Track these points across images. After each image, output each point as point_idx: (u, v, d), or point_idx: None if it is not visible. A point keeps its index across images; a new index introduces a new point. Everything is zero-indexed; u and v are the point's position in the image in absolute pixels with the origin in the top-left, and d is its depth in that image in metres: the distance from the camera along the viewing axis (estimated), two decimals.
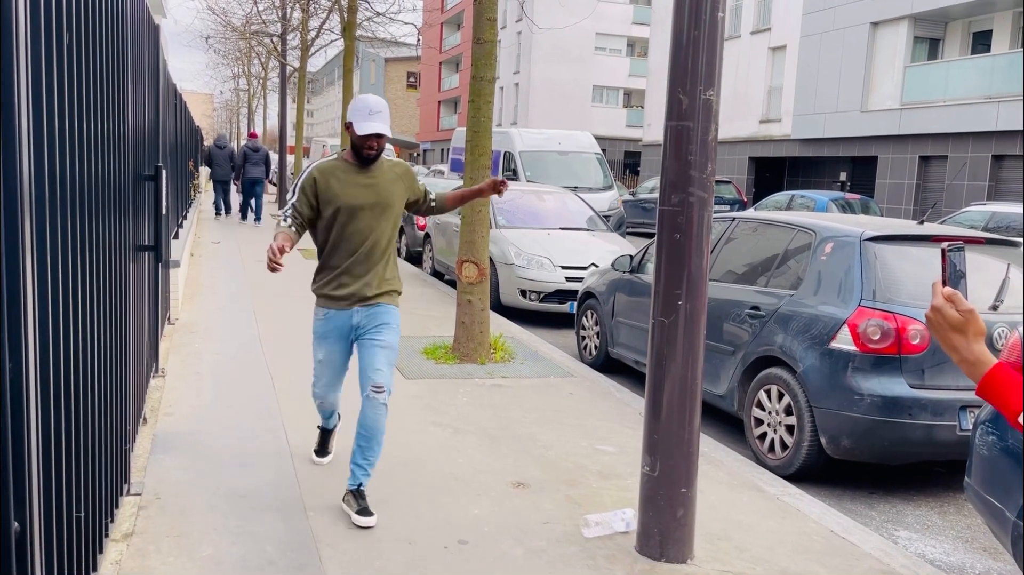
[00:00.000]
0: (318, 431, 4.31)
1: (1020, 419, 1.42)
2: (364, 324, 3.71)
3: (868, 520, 4.32)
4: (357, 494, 3.65)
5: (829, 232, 5.02)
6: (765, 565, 3.42)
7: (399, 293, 3.81)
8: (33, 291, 1.88)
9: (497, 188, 3.85)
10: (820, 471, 4.77)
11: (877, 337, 4.47)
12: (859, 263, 4.73)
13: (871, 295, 4.61)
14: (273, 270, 3.31)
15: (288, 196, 3.74)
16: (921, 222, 5.18)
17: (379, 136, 3.58)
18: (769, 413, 4.98)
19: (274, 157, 24.50)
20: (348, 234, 3.65)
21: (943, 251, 1.57)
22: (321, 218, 3.68)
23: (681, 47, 3.23)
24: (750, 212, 6.87)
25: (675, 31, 3.27)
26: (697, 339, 3.33)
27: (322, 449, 4.29)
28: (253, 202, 17.51)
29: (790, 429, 4.82)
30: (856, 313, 4.56)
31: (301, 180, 3.70)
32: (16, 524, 1.76)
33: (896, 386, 4.43)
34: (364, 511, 3.59)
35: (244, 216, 17.99)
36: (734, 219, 5.93)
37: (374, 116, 3.56)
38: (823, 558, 3.53)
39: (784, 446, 4.85)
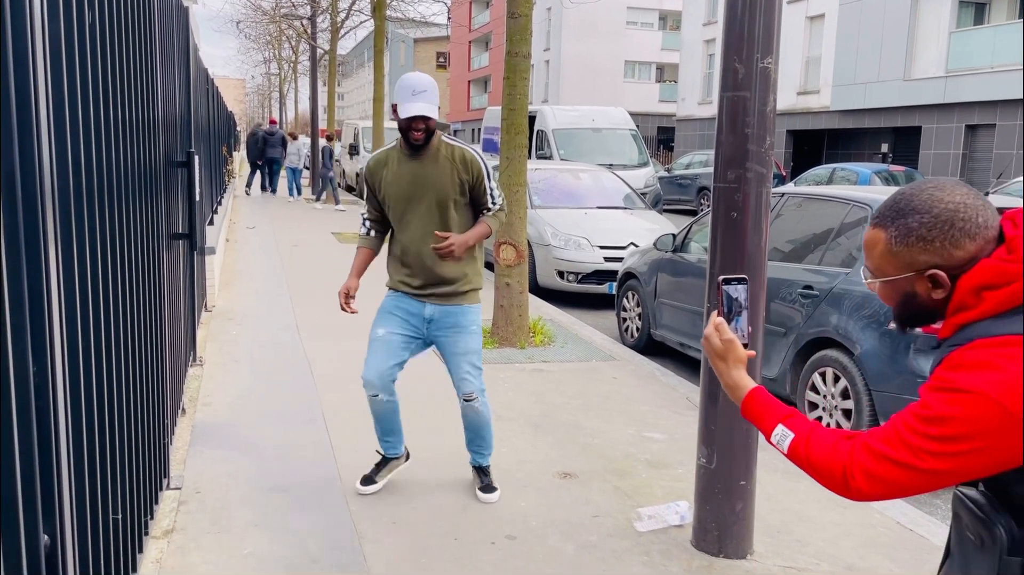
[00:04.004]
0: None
1: (772, 439, 1.50)
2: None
3: (934, 510, 4.11)
4: (481, 470, 3.80)
5: None
6: (830, 560, 3.25)
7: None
8: (59, 287, 1.77)
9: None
10: None
11: None
12: None
13: None
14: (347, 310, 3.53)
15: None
16: (986, 194, 4.90)
17: (424, 119, 3.31)
18: (824, 397, 4.78)
19: (306, 141, 24.52)
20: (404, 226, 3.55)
21: (718, 283, 1.66)
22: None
23: (736, 13, 3.01)
24: (797, 187, 6.61)
25: None
26: (756, 324, 3.14)
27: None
28: (271, 178, 21.12)
29: (847, 413, 4.62)
30: None
31: (364, 172, 3.64)
32: (46, 537, 1.65)
33: None
34: (488, 487, 3.73)
35: (263, 189, 21.24)
36: (783, 195, 5.69)
37: (418, 96, 3.29)
38: (891, 552, 3.34)
39: None
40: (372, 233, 3.67)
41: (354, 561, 3.12)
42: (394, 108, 3.39)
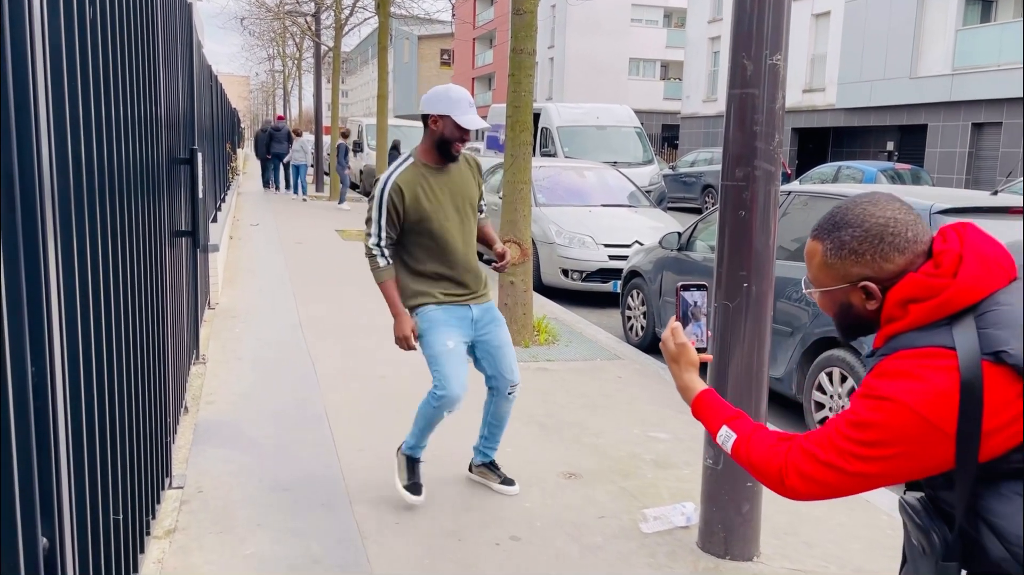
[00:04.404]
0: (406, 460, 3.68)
1: (717, 440, 1.57)
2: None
3: None
4: (493, 466, 3.83)
5: None
6: (837, 563, 3.22)
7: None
8: (58, 286, 1.74)
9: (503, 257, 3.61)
10: None
11: None
12: None
13: None
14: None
15: (370, 212, 3.40)
16: (995, 193, 4.87)
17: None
18: (831, 397, 4.75)
19: (310, 138, 24.53)
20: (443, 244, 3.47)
21: (677, 290, 1.75)
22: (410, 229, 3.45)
23: (745, 9, 2.98)
24: (802, 185, 6.57)
25: None
26: (764, 323, 3.11)
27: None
28: (275, 173, 21.11)
29: None
30: None
31: (383, 196, 3.35)
32: (44, 540, 1.63)
33: None
34: (509, 480, 3.79)
35: (267, 185, 21.10)
36: (788, 193, 5.66)
37: (473, 108, 3.34)
38: (899, 554, 3.30)
39: None
40: (391, 261, 3.47)
41: (357, 562, 3.10)
42: (435, 118, 3.31)
